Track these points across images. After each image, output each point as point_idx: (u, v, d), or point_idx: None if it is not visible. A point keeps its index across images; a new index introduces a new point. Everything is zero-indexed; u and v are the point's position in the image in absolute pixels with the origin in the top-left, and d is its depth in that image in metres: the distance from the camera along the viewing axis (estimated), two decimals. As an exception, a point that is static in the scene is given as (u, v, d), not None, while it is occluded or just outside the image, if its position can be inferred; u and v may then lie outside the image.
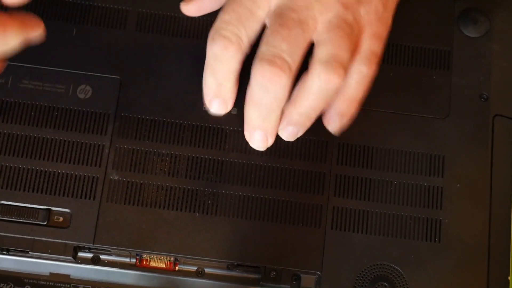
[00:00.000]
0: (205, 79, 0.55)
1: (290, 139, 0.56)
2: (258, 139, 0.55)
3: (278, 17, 0.53)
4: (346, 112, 0.55)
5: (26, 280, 0.55)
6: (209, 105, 0.56)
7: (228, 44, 0.53)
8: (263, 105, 0.53)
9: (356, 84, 0.54)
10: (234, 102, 0.56)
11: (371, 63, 0.54)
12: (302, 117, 0.55)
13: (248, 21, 0.53)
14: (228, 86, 0.55)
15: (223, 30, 0.53)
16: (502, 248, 0.55)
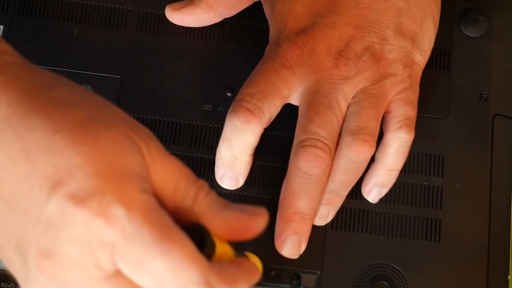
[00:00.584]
0: (219, 151, 0.55)
1: (320, 223, 0.55)
2: (294, 245, 0.54)
3: (311, 104, 0.54)
4: (387, 183, 0.55)
5: (26, 279, 0.55)
6: (219, 179, 0.55)
7: (250, 117, 0.53)
8: (306, 192, 0.53)
9: (395, 154, 0.55)
10: (245, 180, 0.56)
11: (409, 128, 0.54)
12: (333, 194, 0.54)
13: (273, 97, 0.54)
14: (242, 161, 0.55)
15: (246, 102, 0.53)
16: (502, 248, 0.55)
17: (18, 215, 0.39)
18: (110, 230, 0.38)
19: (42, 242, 0.38)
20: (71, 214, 0.38)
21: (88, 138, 0.39)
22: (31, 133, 0.39)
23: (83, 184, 0.38)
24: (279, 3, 0.56)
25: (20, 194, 0.39)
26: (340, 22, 0.55)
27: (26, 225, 0.39)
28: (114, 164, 0.39)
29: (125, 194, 0.38)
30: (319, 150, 0.52)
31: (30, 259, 0.39)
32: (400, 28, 0.55)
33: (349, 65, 0.54)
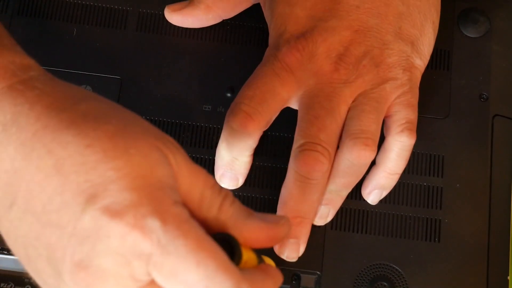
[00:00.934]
0: (219, 151, 0.55)
1: (320, 223, 0.55)
2: (293, 248, 0.54)
3: (310, 108, 0.54)
4: (387, 186, 0.55)
5: (26, 279, 0.55)
6: (219, 179, 0.55)
7: (249, 120, 0.53)
8: (305, 195, 0.53)
9: (397, 158, 0.55)
10: (245, 179, 0.56)
11: (410, 132, 0.54)
12: (333, 195, 0.55)
13: (272, 101, 0.54)
14: (242, 161, 0.55)
15: (245, 105, 0.53)
16: (502, 248, 0.55)
17: (50, 228, 0.39)
18: (146, 242, 0.38)
19: (77, 254, 0.39)
20: (107, 227, 0.38)
21: (120, 152, 0.40)
22: (62, 148, 0.39)
23: (117, 198, 0.39)
24: (279, 7, 0.56)
25: (53, 208, 0.39)
26: (340, 26, 0.55)
27: (59, 238, 0.39)
28: (146, 176, 0.39)
29: (159, 207, 0.39)
30: (318, 154, 0.52)
31: (64, 271, 0.39)
32: (400, 32, 0.55)
33: (349, 69, 0.54)
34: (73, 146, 0.39)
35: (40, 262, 0.41)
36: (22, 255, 0.42)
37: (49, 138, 0.40)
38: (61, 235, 0.39)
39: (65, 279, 0.40)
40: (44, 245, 0.40)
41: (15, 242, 0.42)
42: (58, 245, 0.39)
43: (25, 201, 0.40)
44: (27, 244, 0.41)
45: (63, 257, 0.39)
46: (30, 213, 0.40)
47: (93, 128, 0.40)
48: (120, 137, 0.40)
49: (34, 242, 0.40)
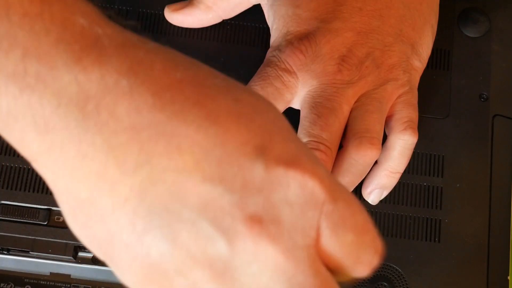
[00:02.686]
0: None
1: None
2: None
3: (313, 107, 0.54)
4: (388, 186, 0.56)
5: (26, 280, 0.55)
6: None
7: None
8: None
9: (399, 156, 0.55)
10: None
11: (413, 130, 0.55)
12: None
13: (276, 102, 0.54)
14: None
15: None
16: (502, 248, 0.55)
17: (208, 183, 0.36)
18: (322, 190, 0.37)
19: (250, 207, 0.36)
20: (285, 176, 0.36)
21: (266, 105, 0.38)
22: (211, 100, 0.37)
23: (286, 149, 0.37)
24: (281, 8, 0.56)
25: (212, 161, 0.36)
26: (343, 28, 0.55)
27: (222, 193, 0.36)
28: (293, 131, 0.39)
29: (315, 157, 0.39)
30: (321, 154, 0.52)
31: (232, 228, 0.36)
32: (401, 34, 0.56)
33: (352, 70, 0.54)
34: (222, 99, 0.37)
35: (180, 229, 0.36)
36: (135, 225, 0.36)
37: (191, 90, 0.37)
38: (225, 190, 0.36)
39: (232, 237, 0.36)
40: (192, 205, 0.36)
41: (138, 208, 0.36)
42: (220, 201, 0.36)
43: (168, 159, 0.36)
44: (161, 209, 0.36)
45: (229, 213, 0.36)
46: (175, 172, 0.36)
47: (234, 83, 0.38)
48: (253, 93, 0.39)
49: (173, 205, 0.36)
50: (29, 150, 0.36)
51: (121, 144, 0.35)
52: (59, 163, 0.36)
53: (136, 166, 0.36)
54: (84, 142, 0.35)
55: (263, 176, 0.36)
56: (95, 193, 0.36)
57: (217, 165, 0.36)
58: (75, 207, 0.37)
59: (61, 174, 0.36)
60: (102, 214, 0.36)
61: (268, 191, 0.36)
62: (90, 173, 0.36)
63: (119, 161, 0.36)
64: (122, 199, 0.36)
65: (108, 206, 0.36)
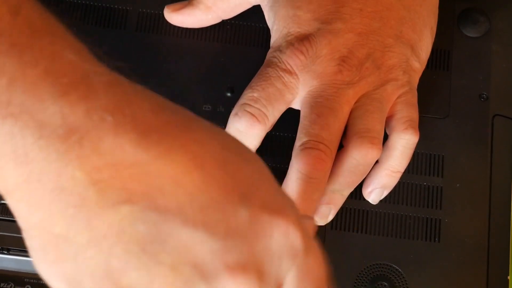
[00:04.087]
0: None
1: (321, 223, 0.55)
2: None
3: (313, 107, 0.54)
4: (389, 185, 0.56)
5: (26, 279, 0.55)
6: None
7: (255, 122, 0.53)
8: (306, 194, 0.53)
9: (400, 156, 0.55)
10: None
11: (414, 129, 0.55)
12: (335, 194, 0.55)
13: (277, 102, 0.54)
14: None
15: (250, 107, 0.54)
16: (502, 248, 0.55)
17: (189, 228, 0.35)
18: (300, 242, 0.38)
19: (233, 255, 0.36)
20: (268, 225, 0.36)
21: (252, 155, 0.39)
22: (198, 145, 0.36)
23: (271, 197, 0.37)
24: (282, 9, 0.56)
25: (195, 206, 0.35)
26: (343, 29, 0.55)
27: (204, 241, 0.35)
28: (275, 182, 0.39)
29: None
30: (320, 153, 0.53)
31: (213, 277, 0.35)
32: (401, 36, 0.56)
33: (352, 71, 0.54)
34: (208, 144, 0.37)
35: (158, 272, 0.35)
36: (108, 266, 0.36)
37: (178, 133, 0.36)
38: (208, 235, 0.35)
39: (212, 283, 0.35)
40: (172, 249, 0.35)
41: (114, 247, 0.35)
42: (202, 246, 0.35)
43: (150, 200, 0.35)
44: (138, 250, 0.35)
45: (212, 259, 0.35)
46: (156, 213, 0.35)
47: (220, 130, 0.38)
48: (239, 142, 0.39)
49: (152, 247, 0.35)
50: (6, 181, 0.35)
51: (102, 180, 0.35)
52: (35, 195, 0.35)
53: (116, 203, 0.35)
54: (64, 174, 0.35)
55: (247, 223, 0.36)
56: (71, 228, 0.35)
57: (200, 210, 0.35)
58: (46, 242, 0.36)
59: (36, 207, 0.35)
60: (75, 251, 0.35)
61: (251, 239, 0.36)
62: (67, 207, 0.35)
63: (100, 196, 0.35)
64: (99, 236, 0.35)
65: (83, 243, 0.35)
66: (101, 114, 0.35)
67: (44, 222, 0.36)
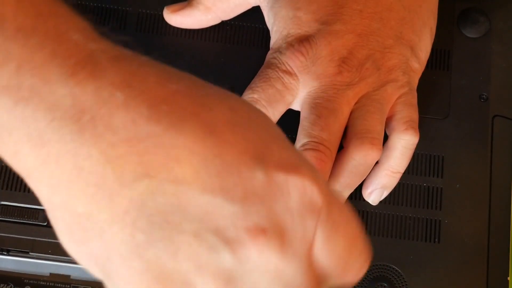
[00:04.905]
0: None
1: None
2: None
3: (314, 108, 0.54)
4: (389, 186, 0.56)
5: (26, 280, 0.55)
6: None
7: None
8: None
9: (400, 156, 0.55)
10: None
11: (414, 130, 0.55)
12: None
13: (277, 103, 0.54)
14: None
15: None
16: (502, 249, 0.55)
17: (206, 195, 0.35)
18: (319, 197, 0.37)
19: (252, 218, 0.36)
20: (285, 183, 0.36)
21: (263, 117, 0.38)
22: (208, 111, 0.36)
23: (284, 155, 0.37)
24: (282, 10, 0.56)
25: (210, 172, 0.35)
26: (343, 30, 0.55)
27: (221, 205, 0.35)
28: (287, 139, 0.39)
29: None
30: (321, 154, 0.53)
31: (233, 241, 0.35)
32: (400, 37, 0.56)
33: (352, 72, 0.54)
34: (217, 109, 0.37)
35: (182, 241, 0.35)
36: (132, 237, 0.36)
37: (187, 102, 0.36)
38: (226, 200, 0.35)
39: (236, 247, 0.35)
40: (193, 217, 0.35)
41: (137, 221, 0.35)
42: (222, 211, 0.35)
43: (167, 171, 0.35)
44: (161, 221, 0.35)
45: (232, 223, 0.35)
46: (174, 183, 0.35)
47: (227, 93, 0.38)
48: (247, 103, 0.39)
49: (174, 217, 0.35)
50: (24, 164, 0.36)
51: (118, 156, 0.35)
52: (55, 177, 0.36)
53: (135, 178, 0.35)
54: (80, 155, 0.35)
55: (264, 184, 0.36)
56: (93, 207, 0.36)
57: (216, 175, 0.36)
58: (71, 223, 0.36)
59: (57, 188, 0.36)
60: (100, 229, 0.36)
61: (269, 199, 0.36)
62: (87, 186, 0.35)
63: (117, 173, 0.35)
64: (121, 212, 0.35)
65: (106, 220, 0.36)
66: (110, 91, 0.35)
67: (66, 202, 0.36)
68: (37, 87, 0.35)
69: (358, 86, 0.54)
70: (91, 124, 0.35)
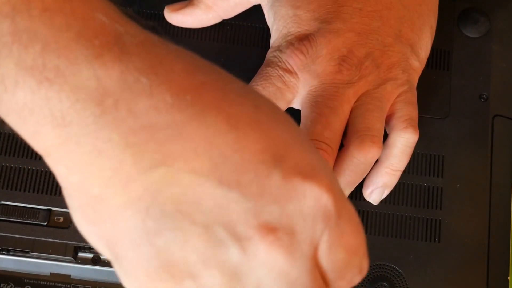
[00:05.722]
0: None
1: None
2: None
3: (314, 106, 0.54)
4: (389, 184, 0.56)
5: (26, 280, 0.55)
6: None
7: None
8: None
9: (400, 154, 0.55)
10: None
11: (414, 128, 0.55)
12: None
13: (278, 101, 0.54)
14: None
15: None
16: (502, 248, 0.55)
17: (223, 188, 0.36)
18: (333, 206, 0.37)
19: (264, 215, 0.36)
20: (301, 187, 0.36)
21: (285, 116, 0.38)
22: (231, 106, 0.36)
23: (304, 160, 0.37)
24: (282, 9, 0.56)
25: (229, 167, 0.35)
26: (343, 29, 0.55)
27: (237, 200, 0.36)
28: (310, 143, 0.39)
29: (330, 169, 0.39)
30: (323, 152, 0.53)
31: (244, 236, 0.36)
32: (400, 35, 0.56)
33: (352, 70, 0.54)
34: (242, 105, 0.37)
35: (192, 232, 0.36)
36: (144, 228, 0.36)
37: (212, 94, 0.36)
38: (241, 195, 0.36)
39: (245, 243, 0.36)
40: (206, 209, 0.36)
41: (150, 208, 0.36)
42: (235, 206, 0.36)
43: (184, 161, 0.35)
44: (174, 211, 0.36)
45: (244, 219, 0.36)
46: (191, 174, 0.35)
47: (253, 90, 0.38)
48: (272, 102, 0.39)
49: (187, 208, 0.35)
50: (44, 143, 0.36)
51: (138, 142, 0.35)
52: (73, 157, 0.36)
53: (152, 166, 0.35)
54: (100, 137, 0.35)
55: (280, 185, 0.36)
56: (108, 190, 0.36)
57: (234, 170, 0.36)
58: (85, 203, 0.37)
59: (75, 169, 0.36)
60: (113, 212, 0.36)
61: (283, 200, 0.36)
62: (104, 169, 0.36)
63: (136, 159, 0.35)
64: (135, 197, 0.36)
65: (120, 204, 0.36)
66: (135, 76, 0.35)
67: (82, 183, 0.36)
68: (62, 68, 0.35)
69: (358, 84, 0.54)
70: (113, 108, 0.35)
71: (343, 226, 0.38)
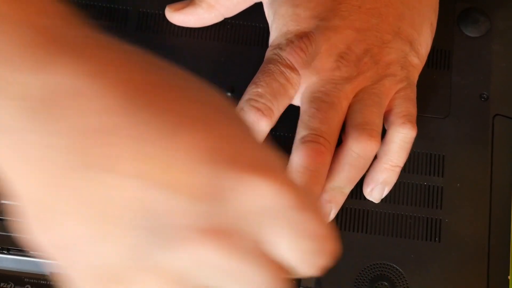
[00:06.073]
0: None
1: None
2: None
3: (313, 102, 0.54)
4: (389, 181, 0.56)
5: (26, 279, 0.55)
6: None
7: (261, 116, 0.54)
8: (306, 187, 0.53)
9: (399, 150, 0.55)
10: None
11: (412, 124, 0.55)
12: (336, 192, 0.54)
13: (281, 97, 0.54)
14: None
15: (256, 102, 0.54)
16: (502, 248, 0.55)
17: (161, 190, 0.35)
18: (283, 197, 0.36)
19: (207, 217, 0.35)
20: (249, 184, 0.35)
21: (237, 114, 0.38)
22: (182, 106, 0.36)
23: (255, 156, 0.36)
24: (282, 7, 0.56)
25: (164, 166, 0.35)
26: (342, 26, 0.56)
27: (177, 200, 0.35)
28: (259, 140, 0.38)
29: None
30: (320, 146, 0.53)
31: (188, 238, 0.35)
32: (399, 32, 0.56)
33: (350, 66, 0.55)
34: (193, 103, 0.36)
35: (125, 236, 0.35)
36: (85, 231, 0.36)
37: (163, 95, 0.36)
38: (176, 197, 0.35)
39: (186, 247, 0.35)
40: (148, 212, 0.35)
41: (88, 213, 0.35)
42: (174, 209, 0.34)
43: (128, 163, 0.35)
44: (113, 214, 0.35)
45: (180, 220, 0.35)
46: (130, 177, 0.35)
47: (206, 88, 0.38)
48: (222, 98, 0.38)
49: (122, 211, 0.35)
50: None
51: (85, 147, 0.35)
52: (22, 165, 0.35)
53: (97, 170, 0.35)
54: (49, 144, 0.35)
55: (220, 184, 0.35)
56: (57, 197, 0.35)
57: (176, 170, 0.35)
58: (38, 210, 0.36)
59: (24, 176, 0.36)
60: (60, 219, 0.36)
61: (226, 199, 0.35)
62: (53, 177, 0.35)
63: (81, 164, 0.35)
64: (79, 203, 0.35)
65: (66, 211, 0.35)
66: (86, 78, 0.35)
67: (31, 191, 0.36)
68: (5, 75, 0.34)
69: (356, 80, 0.55)
70: (60, 114, 0.34)
71: (302, 219, 0.36)
